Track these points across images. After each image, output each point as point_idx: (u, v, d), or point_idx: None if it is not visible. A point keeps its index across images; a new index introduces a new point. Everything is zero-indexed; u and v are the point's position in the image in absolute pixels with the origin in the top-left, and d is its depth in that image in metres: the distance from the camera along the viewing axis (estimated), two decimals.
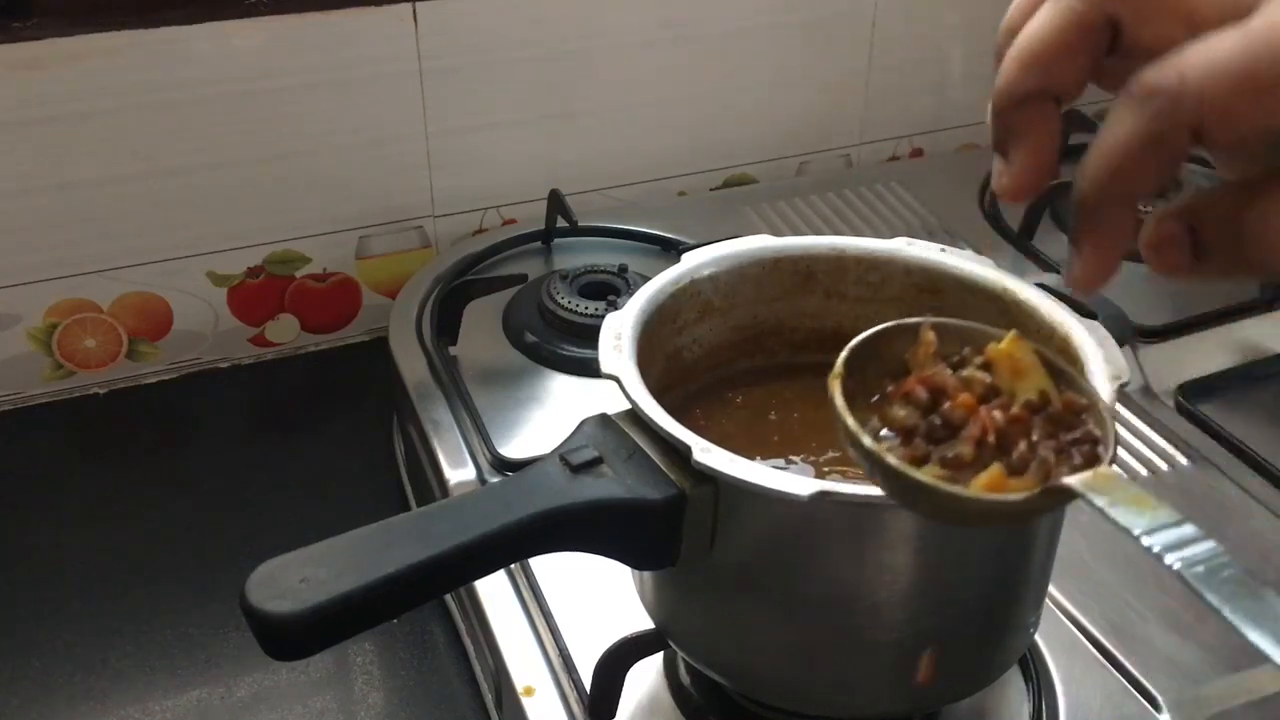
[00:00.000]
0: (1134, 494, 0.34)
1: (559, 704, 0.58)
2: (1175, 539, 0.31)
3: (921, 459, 0.38)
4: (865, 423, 0.39)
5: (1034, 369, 0.40)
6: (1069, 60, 0.34)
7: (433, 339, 0.82)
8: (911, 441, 0.39)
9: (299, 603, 0.41)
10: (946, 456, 0.37)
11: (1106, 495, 0.34)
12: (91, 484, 0.83)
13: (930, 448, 0.38)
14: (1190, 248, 0.33)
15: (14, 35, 0.79)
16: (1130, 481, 0.35)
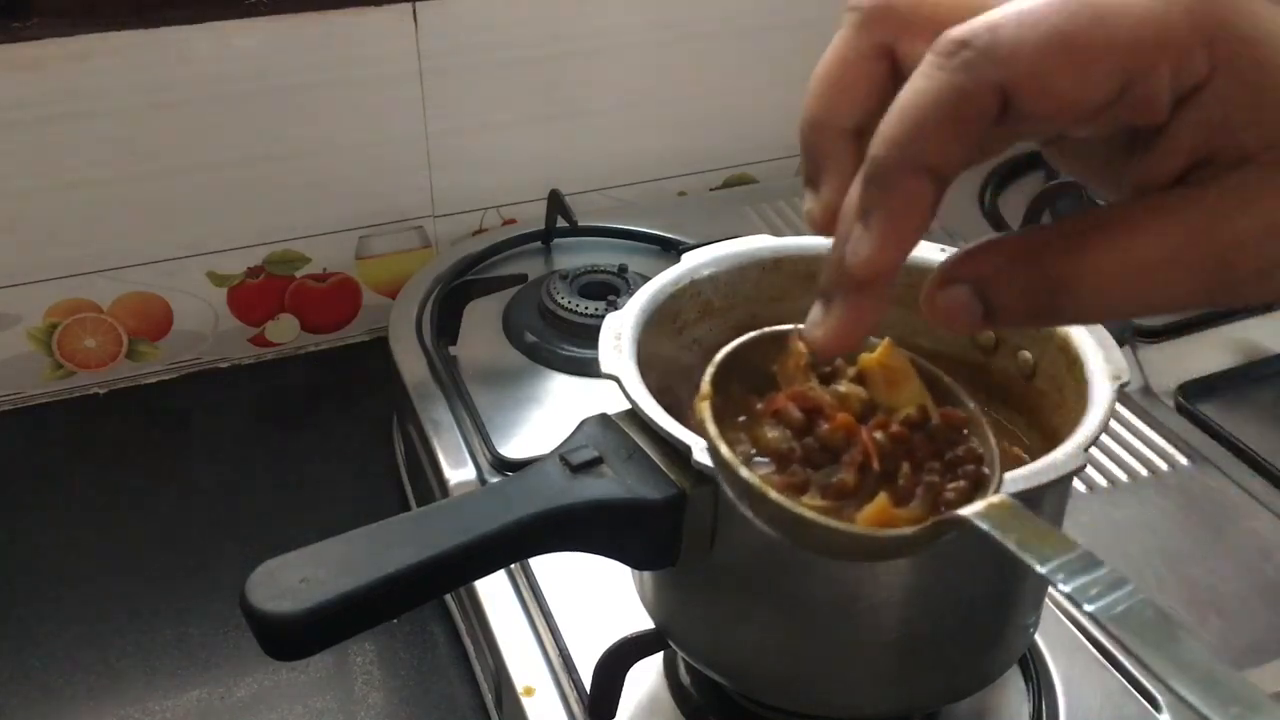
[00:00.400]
0: (1034, 526, 0.31)
1: (559, 704, 0.58)
2: (1083, 574, 0.29)
3: (801, 487, 0.35)
4: (736, 445, 0.36)
5: (909, 378, 0.37)
6: (852, 89, 0.32)
7: (433, 339, 0.82)
8: (788, 467, 0.36)
9: (299, 603, 0.41)
10: (828, 484, 0.35)
11: (1006, 529, 0.31)
12: (91, 484, 0.83)
13: (809, 473, 0.35)
14: (981, 312, 0.30)
15: (14, 35, 0.79)
16: (1025, 509, 0.32)
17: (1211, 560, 0.67)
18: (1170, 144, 0.29)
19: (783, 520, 0.33)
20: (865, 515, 0.33)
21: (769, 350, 0.38)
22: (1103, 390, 0.49)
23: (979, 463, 0.35)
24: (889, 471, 0.35)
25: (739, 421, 0.37)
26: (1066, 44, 0.27)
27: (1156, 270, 0.28)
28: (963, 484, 0.34)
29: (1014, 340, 0.55)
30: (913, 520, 0.33)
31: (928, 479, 0.34)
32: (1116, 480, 0.73)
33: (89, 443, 0.88)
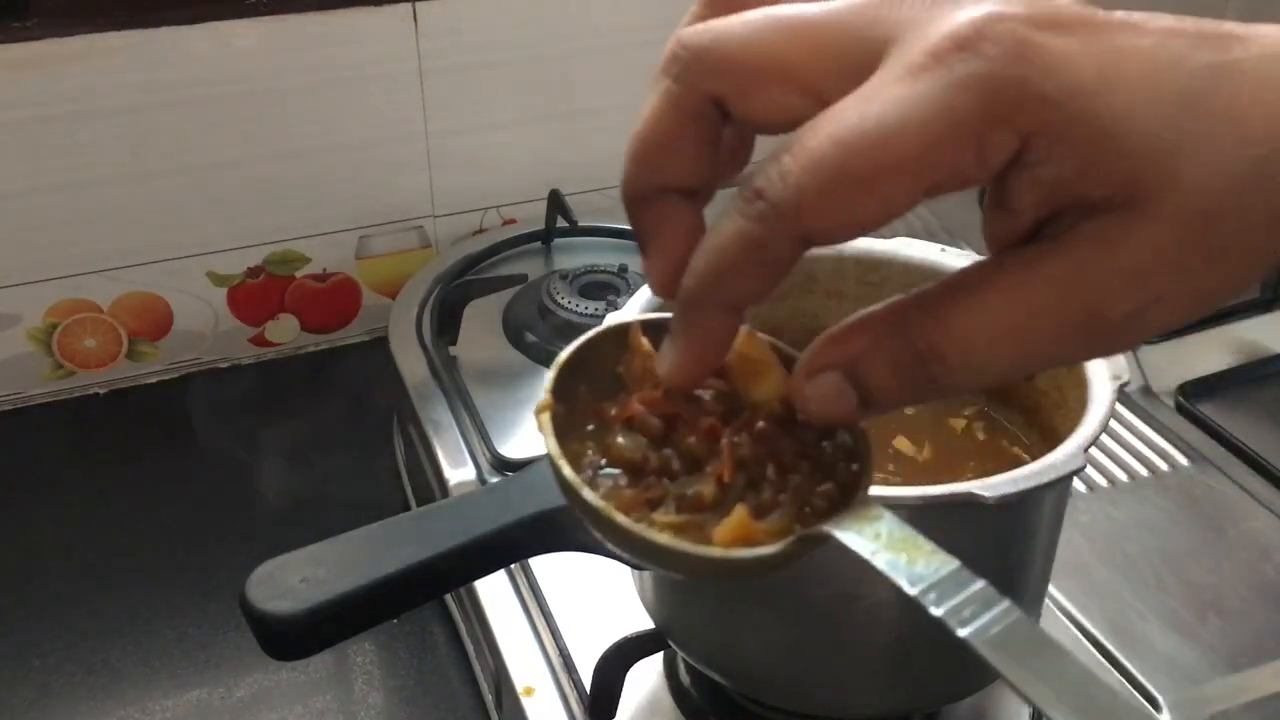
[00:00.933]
0: (902, 536, 0.29)
1: (559, 704, 0.58)
2: (955, 594, 0.27)
3: (656, 501, 0.32)
4: (581, 457, 0.33)
5: (771, 368, 0.34)
6: (676, 150, 0.31)
7: (433, 339, 0.82)
8: (642, 480, 0.32)
9: (299, 603, 0.41)
10: (685, 495, 0.32)
11: (872, 542, 0.29)
12: (91, 484, 0.83)
13: (665, 485, 0.32)
14: (856, 399, 0.29)
15: (13, 35, 0.79)
16: (892, 516, 0.30)
17: (1212, 560, 0.67)
18: (1012, 204, 0.28)
19: (632, 544, 0.31)
20: (722, 531, 0.31)
21: (613, 350, 0.36)
22: (1103, 390, 0.49)
23: (850, 459, 0.33)
24: (754, 478, 0.32)
25: (587, 430, 0.34)
26: (855, 181, 0.26)
27: (1025, 329, 0.27)
28: (830, 486, 0.32)
29: None
30: (775, 532, 0.31)
31: (794, 483, 0.32)
32: (1116, 480, 0.73)
33: (89, 443, 0.88)
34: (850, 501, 0.31)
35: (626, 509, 0.31)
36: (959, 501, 0.44)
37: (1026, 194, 0.27)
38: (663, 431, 0.33)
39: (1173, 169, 0.26)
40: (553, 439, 0.32)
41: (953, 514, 0.46)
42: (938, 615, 0.27)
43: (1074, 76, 0.25)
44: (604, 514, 0.31)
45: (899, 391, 0.29)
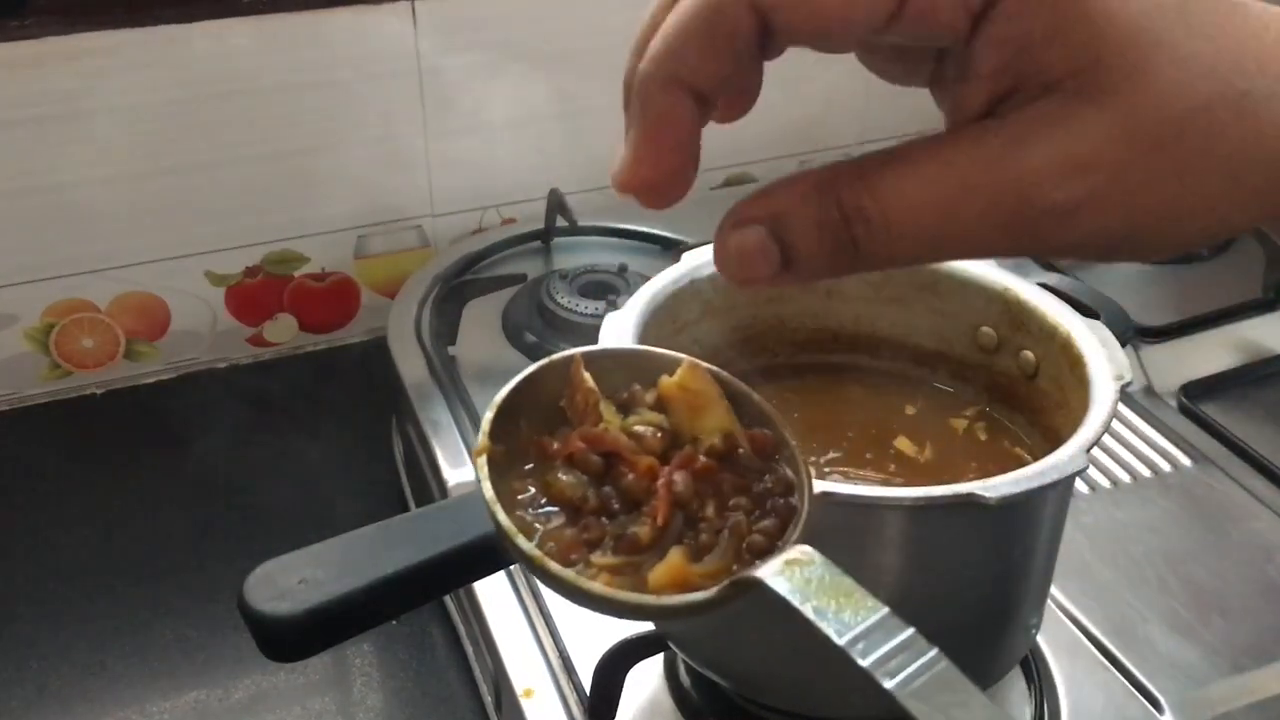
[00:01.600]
0: (833, 581, 0.29)
1: (559, 706, 0.58)
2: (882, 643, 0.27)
3: (594, 542, 0.32)
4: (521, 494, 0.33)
5: (714, 401, 0.34)
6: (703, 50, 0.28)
7: (432, 339, 0.82)
8: (580, 519, 0.32)
9: (297, 604, 0.41)
10: (622, 536, 0.32)
11: (802, 589, 0.29)
12: (89, 484, 0.82)
13: (604, 525, 0.32)
14: (778, 257, 0.28)
15: (10, 34, 0.79)
16: (825, 562, 0.29)
17: (1214, 561, 0.67)
18: (974, 68, 0.26)
19: (568, 591, 0.31)
20: (657, 576, 0.31)
21: (555, 383, 0.35)
22: (1105, 390, 0.48)
23: (789, 493, 0.33)
24: (692, 515, 0.32)
25: (525, 470, 0.34)
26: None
27: (951, 202, 0.26)
28: (770, 523, 0.32)
29: (1016, 340, 0.55)
30: (712, 574, 0.31)
31: (732, 521, 0.32)
32: (1119, 481, 0.73)
33: (86, 443, 0.88)
34: (786, 540, 0.31)
35: (565, 550, 0.31)
36: (960, 502, 0.44)
37: (990, 55, 0.26)
38: (603, 469, 0.33)
39: (1143, 63, 0.25)
40: (488, 484, 0.32)
41: (954, 515, 0.46)
42: (864, 666, 0.26)
43: None
44: (538, 562, 0.31)
45: (821, 254, 0.28)
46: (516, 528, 0.32)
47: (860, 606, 0.28)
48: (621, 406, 0.35)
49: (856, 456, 0.54)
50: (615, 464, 0.33)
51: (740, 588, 0.30)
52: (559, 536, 0.32)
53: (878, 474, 0.54)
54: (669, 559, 0.31)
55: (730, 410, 0.34)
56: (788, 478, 0.33)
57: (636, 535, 0.31)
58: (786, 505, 0.32)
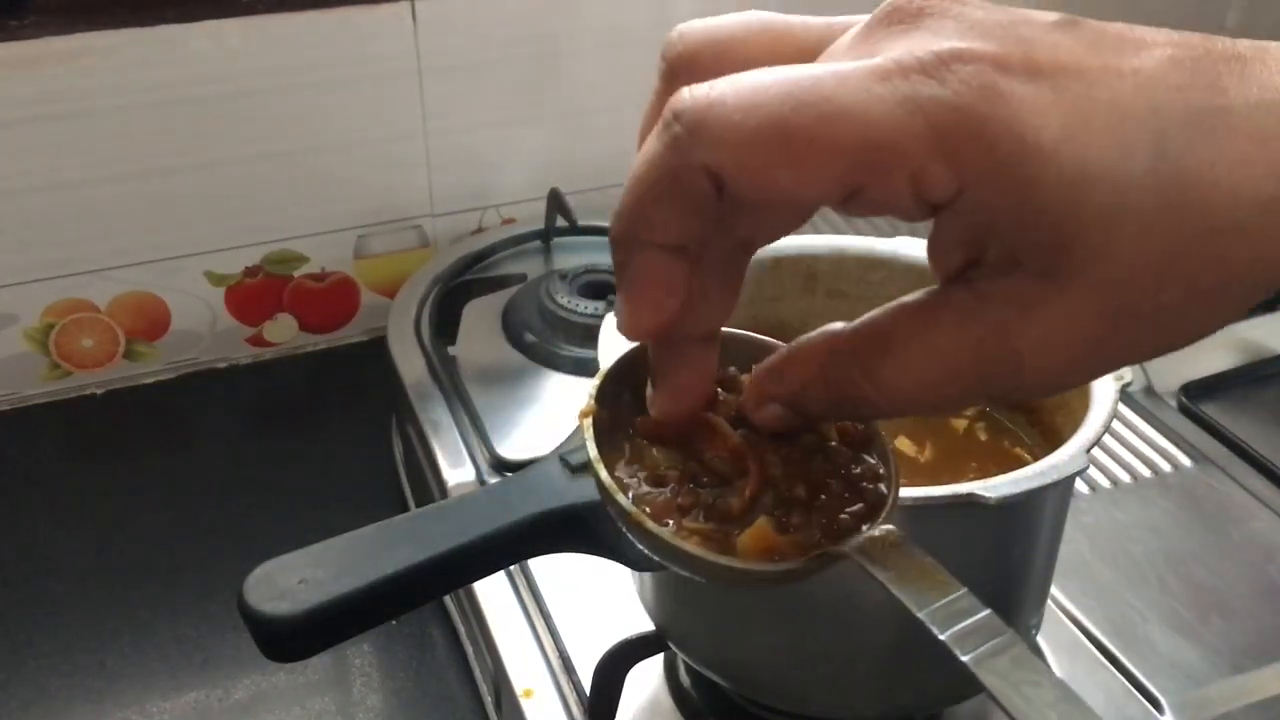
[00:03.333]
0: (917, 563, 0.30)
1: (559, 706, 0.58)
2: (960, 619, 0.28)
3: (687, 508, 0.33)
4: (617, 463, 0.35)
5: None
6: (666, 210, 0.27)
7: (431, 339, 0.82)
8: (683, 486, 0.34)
9: (297, 604, 0.41)
10: (713, 505, 0.33)
11: (886, 565, 0.30)
12: (88, 485, 0.82)
13: (698, 492, 0.34)
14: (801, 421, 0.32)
15: (11, 34, 0.79)
16: (910, 543, 0.31)
17: (1215, 561, 0.67)
18: (940, 238, 0.27)
19: (660, 549, 0.32)
20: (744, 542, 0.32)
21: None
22: (1105, 390, 0.48)
23: (878, 481, 0.34)
24: (783, 495, 0.33)
25: (627, 436, 0.35)
26: (783, 137, 0.25)
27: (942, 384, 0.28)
28: (860, 507, 0.33)
29: None
30: (796, 546, 0.32)
31: (821, 502, 0.33)
32: (1119, 481, 0.73)
33: (86, 444, 0.88)
34: (874, 522, 0.32)
35: (660, 513, 0.33)
36: (961, 502, 0.44)
37: (955, 232, 0.27)
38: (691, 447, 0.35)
39: (1104, 243, 0.25)
40: (593, 444, 0.34)
41: (954, 515, 0.46)
42: (942, 639, 0.28)
43: (1035, 132, 0.24)
44: (634, 518, 0.32)
45: (836, 416, 0.33)
46: (616, 486, 0.33)
47: (941, 585, 0.30)
48: (722, 386, 0.36)
49: None
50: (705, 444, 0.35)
51: (828, 560, 0.32)
52: (654, 500, 0.33)
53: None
54: (757, 525, 0.32)
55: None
56: (877, 469, 0.34)
57: (729, 504, 0.33)
58: (875, 491, 0.34)
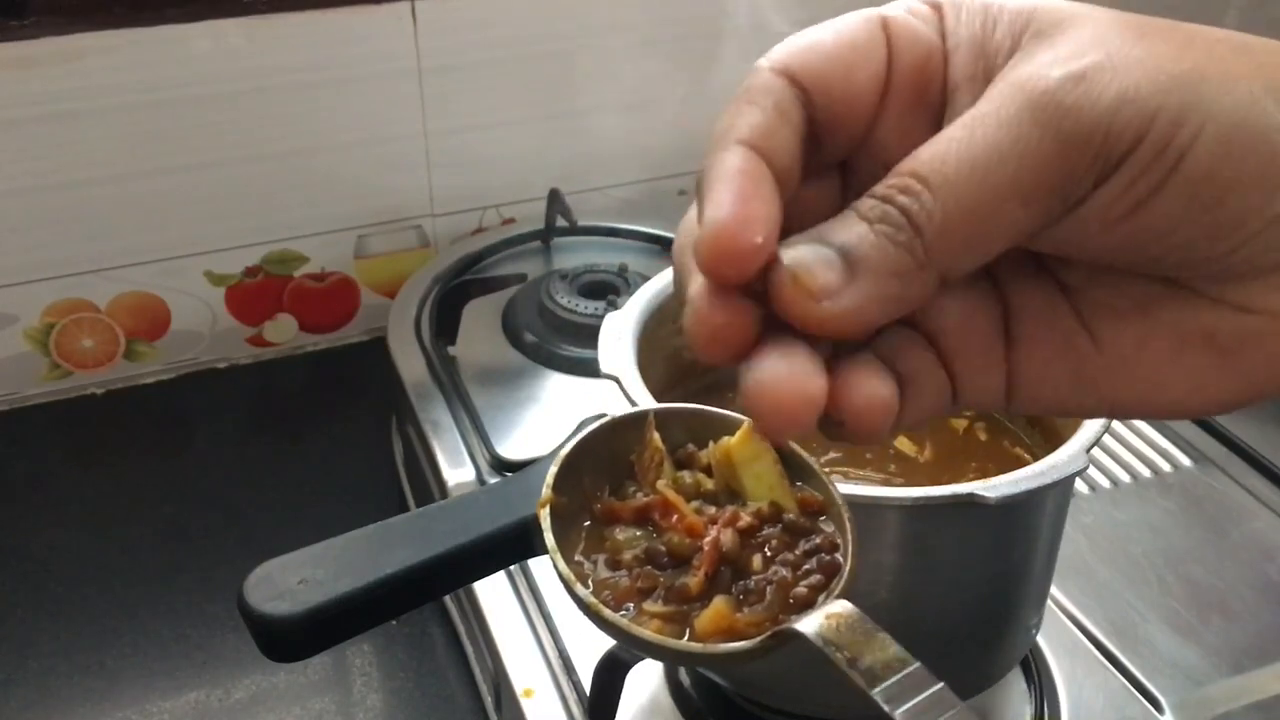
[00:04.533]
0: (871, 639, 0.30)
1: (559, 706, 0.58)
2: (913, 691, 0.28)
3: (648, 590, 0.34)
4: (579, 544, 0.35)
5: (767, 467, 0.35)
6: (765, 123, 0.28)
7: (432, 339, 0.82)
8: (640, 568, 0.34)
9: (297, 604, 0.41)
10: (672, 586, 0.33)
11: (839, 644, 0.30)
12: (88, 485, 0.82)
13: (657, 575, 0.34)
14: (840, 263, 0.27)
15: (11, 34, 0.79)
16: (863, 618, 0.31)
17: (1214, 561, 0.67)
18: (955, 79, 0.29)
19: (621, 636, 0.33)
20: (702, 623, 0.32)
21: (620, 437, 0.36)
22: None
23: (835, 549, 0.34)
24: (741, 569, 0.34)
25: (584, 527, 0.35)
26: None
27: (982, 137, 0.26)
28: (817, 578, 0.33)
29: None
30: (756, 623, 0.32)
31: (778, 574, 0.33)
32: (1119, 481, 0.73)
33: (86, 444, 0.88)
34: (830, 594, 0.33)
35: (621, 598, 0.33)
36: (961, 502, 0.44)
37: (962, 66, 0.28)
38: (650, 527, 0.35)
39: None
40: (550, 534, 0.34)
41: (954, 515, 0.46)
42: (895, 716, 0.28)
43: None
44: (593, 608, 0.33)
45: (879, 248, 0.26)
46: (574, 575, 0.33)
47: (894, 659, 0.30)
48: (679, 464, 0.36)
49: (856, 456, 0.54)
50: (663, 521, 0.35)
51: (781, 638, 0.32)
52: (614, 585, 0.34)
53: (878, 474, 0.54)
54: (713, 606, 0.33)
55: (782, 475, 0.36)
56: (833, 537, 0.35)
57: (686, 585, 0.33)
58: (832, 561, 0.34)
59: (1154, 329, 0.28)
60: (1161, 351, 0.28)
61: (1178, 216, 0.25)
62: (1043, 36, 0.27)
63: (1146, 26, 0.26)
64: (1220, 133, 0.25)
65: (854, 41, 0.28)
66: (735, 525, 0.34)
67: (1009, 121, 0.25)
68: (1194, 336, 0.27)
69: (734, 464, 0.35)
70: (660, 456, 0.36)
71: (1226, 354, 0.27)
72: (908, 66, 0.28)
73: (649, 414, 0.36)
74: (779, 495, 0.35)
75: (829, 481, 0.35)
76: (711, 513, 0.35)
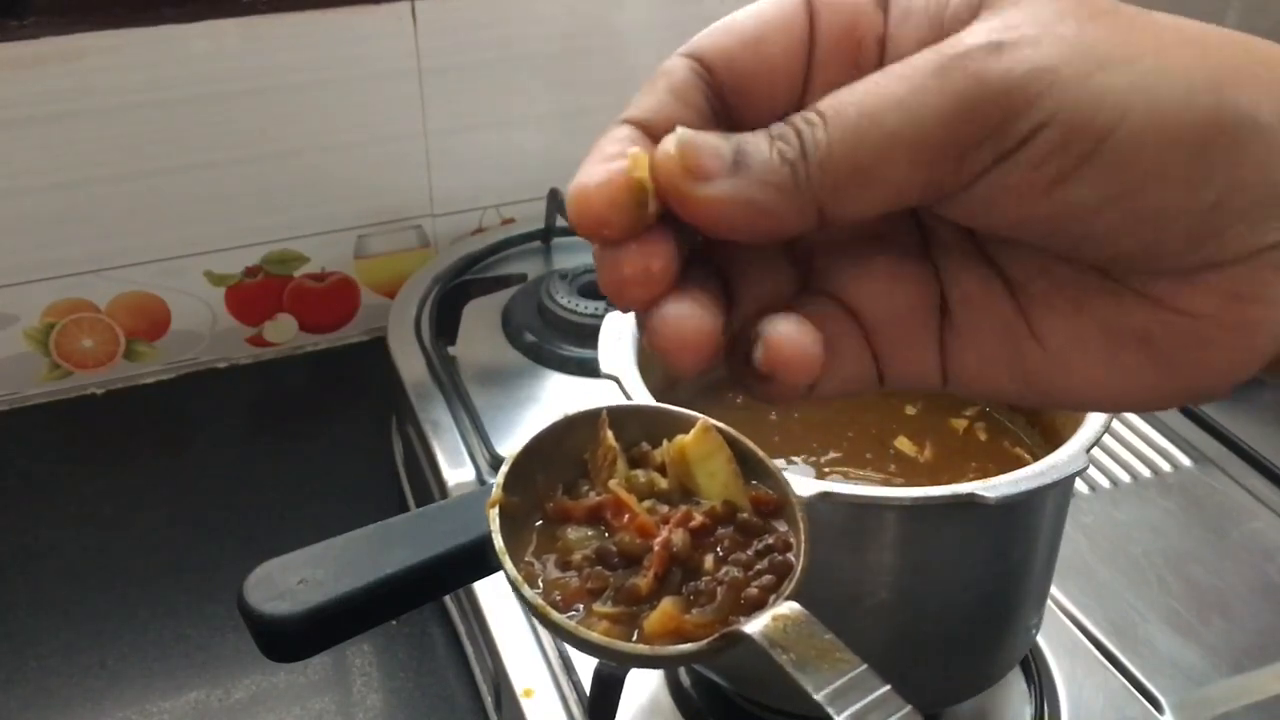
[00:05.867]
0: (816, 641, 0.30)
1: (559, 706, 0.58)
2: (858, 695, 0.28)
3: (597, 591, 0.33)
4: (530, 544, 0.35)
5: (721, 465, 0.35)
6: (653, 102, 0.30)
7: (432, 339, 0.82)
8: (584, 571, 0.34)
9: (297, 604, 0.41)
10: (622, 587, 0.33)
11: (786, 646, 0.30)
12: (89, 485, 0.82)
13: (607, 575, 0.34)
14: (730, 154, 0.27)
15: (11, 34, 0.79)
16: (811, 620, 0.31)
17: (1214, 561, 0.67)
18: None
19: (569, 639, 0.33)
20: (650, 625, 0.32)
21: (576, 436, 0.36)
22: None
23: (788, 550, 0.34)
24: (691, 568, 0.34)
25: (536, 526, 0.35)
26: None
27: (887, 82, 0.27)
28: (769, 578, 0.33)
29: None
30: (704, 624, 0.32)
31: (729, 575, 0.33)
32: (1119, 481, 0.73)
33: (86, 444, 0.88)
34: (780, 595, 0.33)
35: (570, 599, 0.33)
36: (961, 502, 0.44)
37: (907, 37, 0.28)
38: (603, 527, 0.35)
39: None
40: (499, 536, 0.34)
41: (954, 514, 0.46)
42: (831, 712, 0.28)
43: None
44: (541, 610, 0.33)
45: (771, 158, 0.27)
46: (523, 577, 0.33)
47: (840, 662, 0.30)
48: (634, 462, 0.36)
49: (856, 456, 0.54)
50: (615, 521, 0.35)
51: (729, 640, 0.32)
52: (564, 586, 0.34)
53: (878, 474, 0.54)
54: (661, 607, 0.32)
55: (737, 474, 0.36)
56: (787, 536, 0.34)
57: (636, 586, 0.33)
58: (784, 562, 0.34)
59: (1090, 326, 0.28)
60: (1098, 349, 0.28)
61: (1098, 201, 0.25)
62: (994, 9, 0.27)
63: (1100, 10, 0.26)
64: (1144, 122, 0.25)
65: (767, 16, 0.29)
66: (687, 525, 0.34)
67: (914, 76, 0.26)
68: (1129, 336, 0.27)
69: (688, 462, 0.35)
70: (613, 455, 0.36)
71: (1161, 356, 0.27)
72: (833, 34, 0.28)
73: (602, 412, 0.36)
74: (733, 494, 0.35)
75: (784, 480, 0.35)
76: (664, 512, 0.35)
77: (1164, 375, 0.27)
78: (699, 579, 0.33)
